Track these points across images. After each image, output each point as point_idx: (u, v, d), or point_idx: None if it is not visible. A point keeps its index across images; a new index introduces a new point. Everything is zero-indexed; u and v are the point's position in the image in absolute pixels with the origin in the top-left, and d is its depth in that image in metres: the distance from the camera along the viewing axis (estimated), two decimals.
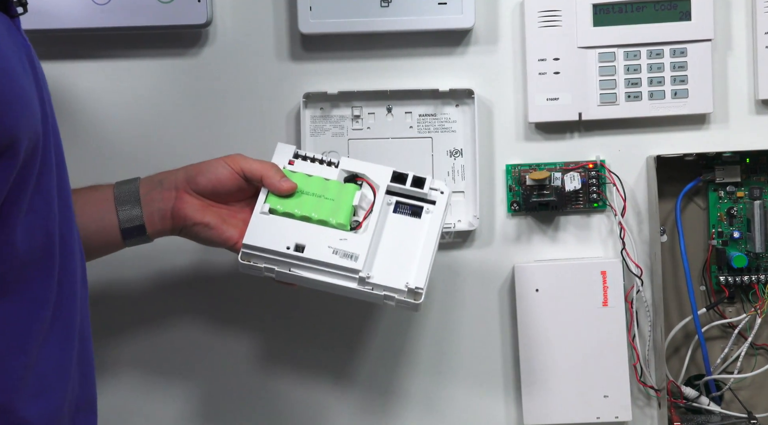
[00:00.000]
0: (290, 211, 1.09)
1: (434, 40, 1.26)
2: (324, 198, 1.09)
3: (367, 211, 1.10)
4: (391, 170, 1.12)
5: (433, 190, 1.11)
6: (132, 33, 1.24)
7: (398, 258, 1.09)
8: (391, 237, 1.10)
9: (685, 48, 1.23)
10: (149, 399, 1.29)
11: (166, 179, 1.11)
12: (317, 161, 1.12)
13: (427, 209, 1.11)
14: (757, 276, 1.26)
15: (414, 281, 1.07)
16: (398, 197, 1.11)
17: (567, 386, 1.24)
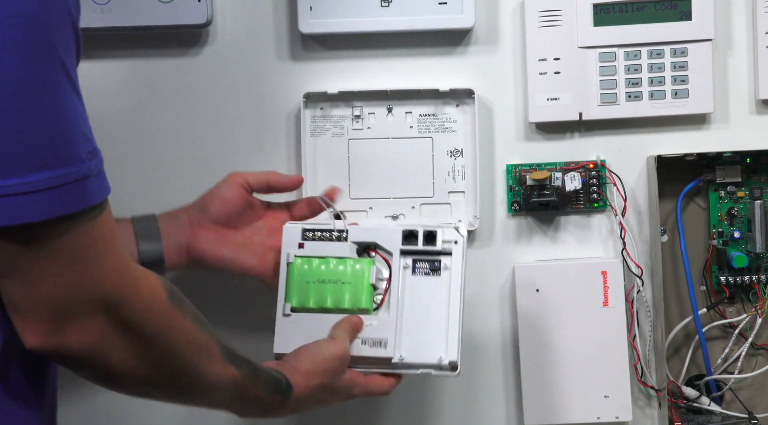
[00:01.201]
0: (311, 305, 1.10)
1: (434, 40, 1.26)
2: (341, 283, 1.10)
3: (386, 285, 1.11)
4: (401, 231, 1.11)
5: (446, 243, 1.10)
6: (132, 33, 1.24)
7: (427, 329, 1.09)
8: (415, 304, 1.10)
9: (685, 48, 1.23)
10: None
11: (181, 215, 1.12)
12: (326, 237, 1.12)
13: (444, 264, 1.10)
14: (758, 277, 1.26)
15: (447, 355, 1.08)
16: (414, 255, 1.11)
17: (567, 386, 1.24)
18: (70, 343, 0.76)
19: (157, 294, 0.81)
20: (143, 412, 1.30)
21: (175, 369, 0.84)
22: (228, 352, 0.90)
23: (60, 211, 0.71)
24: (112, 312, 0.77)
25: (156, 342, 0.81)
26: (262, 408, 0.98)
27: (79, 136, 0.72)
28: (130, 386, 0.84)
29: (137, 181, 1.26)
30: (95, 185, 0.73)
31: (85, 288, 0.75)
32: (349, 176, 1.26)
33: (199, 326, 0.86)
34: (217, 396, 0.91)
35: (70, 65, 0.72)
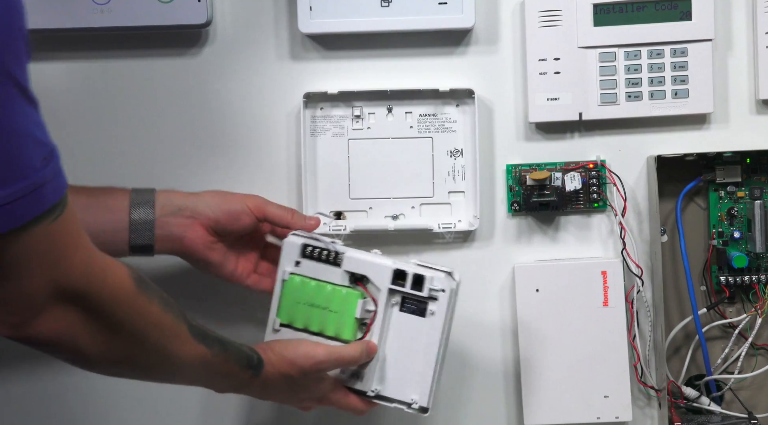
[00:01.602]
0: (298, 326, 1.13)
1: (434, 40, 1.26)
2: (328, 310, 1.12)
3: (371, 320, 1.12)
4: (392, 270, 1.11)
5: (434, 291, 1.11)
6: (132, 33, 1.24)
7: (406, 367, 1.12)
8: (398, 340, 1.12)
9: (685, 48, 1.23)
10: (152, 398, 1.30)
11: (185, 207, 1.13)
12: (323, 258, 1.13)
13: (431, 310, 1.11)
14: (758, 277, 1.26)
15: (419, 399, 1.12)
16: (403, 294, 1.12)
17: (567, 386, 1.24)
18: (40, 332, 0.80)
19: (123, 282, 0.84)
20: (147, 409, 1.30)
21: (144, 352, 0.89)
22: (197, 332, 0.94)
23: (14, 223, 0.74)
24: (80, 303, 0.81)
25: (124, 328, 0.85)
26: (234, 383, 1.02)
27: (30, 147, 0.74)
28: (102, 368, 0.88)
29: (137, 181, 1.25)
30: (49, 189, 0.76)
31: (52, 283, 0.78)
32: (349, 176, 1.26)
33: (167, 309, 0.90)
34: (188, 373, 0.96)
35: (19, 71, 0.74)
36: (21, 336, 0.80)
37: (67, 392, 1.29)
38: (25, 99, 0.74)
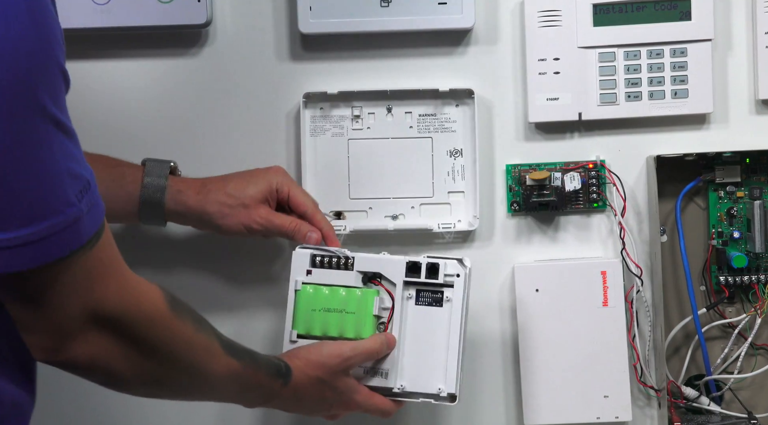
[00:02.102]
0: (316, 333, 1.13)
1: (434, 40, 1.26)
2: (345, 312, 1.13)
3: (389, 314, 1.14)
4: (405, 262, 1.13)
5: (449, 276, 1.13)
6: (132, 33, 1.24)
7: (428, 359, 1.13)
8: (417, 334, 1.14)
9: (685, 48, 1.23)
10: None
11: (193, 211, 1.16)
12: (333, 265, 1.15)
13: (447, 296, 1.13)
14: (757, 277, 1.26)
15: (446, 387, 1.12)
16: (417, 286, 1.14)
17: (567, 386, 1.24)
18: (76, 357, 0.81)
19: (158, 305, 0.85)
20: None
21: (179, 372, 0.89)
22: (228, 346, 0.94)
23: (51, 257, 0.75)
24: (115, 327, 0.81)
25: (159, 351, 0.86)
26: (265, 394, 1.02)
27: (66, 182, 0.75)
28: (137, 390, 0.89)
29: None
30: (86, 223, 0.77)
31: (87, 309, 0.79)
32: (349, 176, 1.26)
33: (199, 327, 0.90)
34: (221, 389, 0.96)
35: (56, 108, 0.74)
36: (57, 361, 0.81)
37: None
38: (61, 132, 0.75)
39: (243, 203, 1.15)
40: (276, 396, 1.03)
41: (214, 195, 1.16)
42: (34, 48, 0.72)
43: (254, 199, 1.16)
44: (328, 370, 1.07)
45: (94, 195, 0.78)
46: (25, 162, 0.72)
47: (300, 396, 1.06)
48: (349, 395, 1.11)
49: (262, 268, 1.28)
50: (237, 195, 1.16)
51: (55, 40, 0.75)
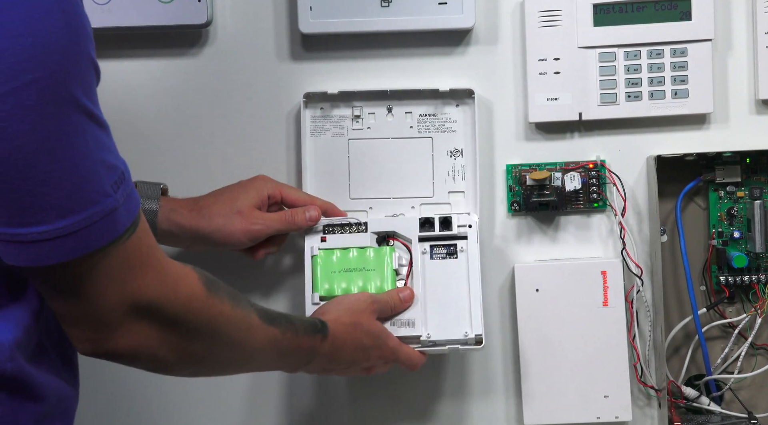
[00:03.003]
0: (338, 293, 1.17)
1: (434, 40, 1.26)
2: (365, 270, 1.18)
3: (408, 268, 1.18)
4: (417, 219, 1.19)
5: (461, 227, 1.18)
6: (132, 33, 1.24)
7: (449, 308, 1.17)
8: (437, 285, 1.18)
9: (685, 48, 1.23)
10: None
11: (187, 232, 1.17)
12: (346, 230, 1.19)
13: (461, 247, 1.19)
14: (758, 276, 1.26)
15: (473, 329, 1.16)
16: (431, 242, 1.19)
17: (567, 386, 1.24)
18: (119, 347, 0.82)
19: (195, 288, 0.86)
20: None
21: (221, 350, 0.90)
22: (265, 315, 0.96)
23: (89, 248, 0.76)
24: (155, 316, 0.82)
25: (200, 333, 0.87)
26: (306, 355, 1.03)
27: (102, 173, 0.76)
28: (181, 371, 0.90)
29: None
30: (122, 213, 0.78)
31: (126, 299, 0.80)
32: (349, 176, 1.26)
33: (236, 303, 0.91)
34: (264, 358, 0.98)
35: (89, 100, 0.76)
36: (100, 352, 0.82)
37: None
38: (94, 123, 0.76)
39: (238, 210, 1.16)
40: (317, 353, 1.04)
41: (208, 210, 1.16)
42: (66, 41, 0.73)
43: (248, 205, 1.17)
44: (360, 313, 1.10)
45: (128, 185, 0.79)
46: (60, 154, 0.73)
47: (339, 348, 1.07)
48: (384, 339, 1.13)
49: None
50: (230, 205, 1.16)
51: (86, 33, 0.76)
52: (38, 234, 0.74)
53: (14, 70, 0.71)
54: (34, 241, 0.74)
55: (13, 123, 0.71)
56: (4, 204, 0.73)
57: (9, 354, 0.80)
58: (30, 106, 0.72)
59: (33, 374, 0.82)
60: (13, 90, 0.71)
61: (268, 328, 0.95)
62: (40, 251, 0.75)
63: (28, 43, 0.71)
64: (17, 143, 0.72)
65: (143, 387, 1.29)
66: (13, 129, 0.72)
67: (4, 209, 0.73)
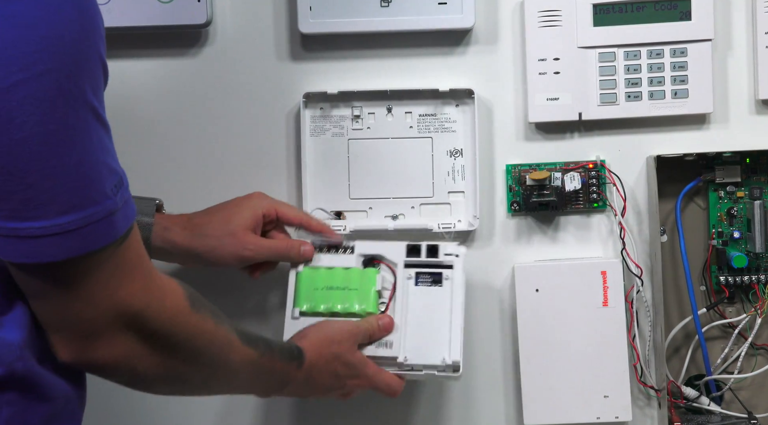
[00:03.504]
0: (319, 310, 1.16)
1: (434, 40, 1.26)
2: (348, 289, 1.16)
3: (391, 292, 1.17)
4: (405, 245, 1.18)
5: (448, 256, 1.17)
6: (132, 33, 1.24)
7: (430, 333, 1.15)
8: (419, 311, 1.16)
9: (685, 48, 1.23)
10: None
11: (182, 250, 1.15)
12: (334, 250, 1.19)
13: (446, 275, 1.17)
14: (757, 276, 1.26)
15: (450, 356, 1.14)
16: (417, 268, 1.17)
17: (567, 386, 1.24)
18: (99, 358, 0.82)
19: (179, 303, 0.86)
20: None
21: (200, 368, 0.90)
22: (244, 336, 0.95)
23: (84, 249, 0.76)
24: (138, 327, 0.82)
25: (181, 348, 0.86)
26: (281, 380, 1.03)
27: (104, 173, 0.76)
28: (158, 388, 0.90)
29: (136, 181, 1.25)
30: (120, 218, 0.78)
31: (112, 309, 0.80)
32: (349, 176, 1.26)
33: (218, 322, 0.91)
34: (240, 379, 0.97)
35: (96, 100, 0.76)
36: (81, 361, 0.82)
37: None
38: (100, 124, 0.76)
39: (231, 232, 1.15)
40: (291, 380, 1.04)
41: (201, 229, 1.15)
42: (78, 36, 0.73)
43: (242, 227, 1.16)
44: (339, 344, 1.09)
45: (126, 192, 0.79)
46: (66, 149, 0.73)
47: (314, 375, 1.07)
48: (361, 368, 1.12)
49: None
50: (224, 226, 1.15)
51: (98, 32, 0.76)
52: (36, 230, 0.73)
53: (27, 60, 0.71)
54: (32, 236, 0.74)
55: (22, 113, 0.71)
56: (4, 196, 0.73)
57: (18, 353, 0.79)
58: (41, 97, 0.72)
59: (42, 374, 0.81)
60: (24, 79, 0.71)
61: (246, 349, 0.95)
62: (36, 247, 0.74)
63: (41, 33, 0.71)
64: (24, 134, 0.72)
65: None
66: (21, 119, 0.71)
67: (4, 202, 0.73)
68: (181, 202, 1.20)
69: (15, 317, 0.80)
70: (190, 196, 1.21)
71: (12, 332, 0.80)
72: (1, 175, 0.72)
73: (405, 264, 1.17)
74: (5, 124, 0.71)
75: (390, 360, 1.14)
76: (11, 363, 0.79)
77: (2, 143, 0.72)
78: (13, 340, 0.79)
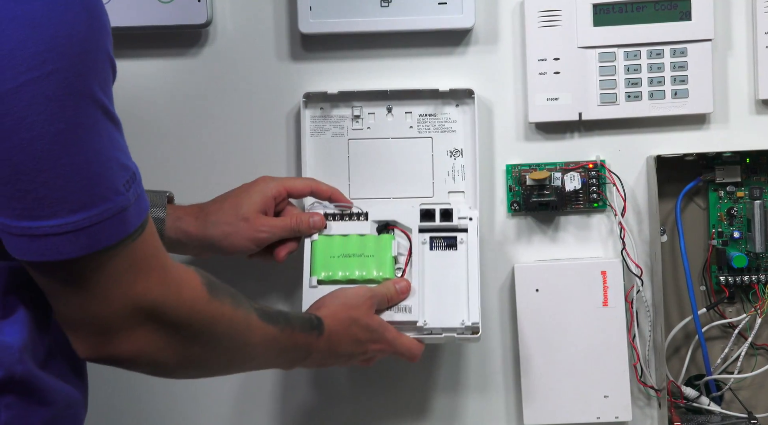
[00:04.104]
0: (337, 277, 1.17)
1: (434, 40, 1.26)
2: (364, 256, 1.17)
3: (407, 257, 1.18)
4: (419, 209, 1.19)
5: (462, 219, 1.19)
6: (132, 33, 1.24)
7: (447, 297, 1.16)
8: (435, 275, 1.17)
9: (685, 48, 1.23)
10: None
11: (194, 239, 1.16)
12: (347, 218, 1.20)
13: (460, 239, 1.19)
14: (757, 276, 1.26)
15: (469, 318, 1.15)
16: (431, 233, 1.19)
17: (567, 386, 1.24)
18: (120, 352, 0.81)
19: (197, 292, 0.85)
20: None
21: (222, 352, 0.90)
22: (263, 313, 0.95)
23: (98, 246, 0.76)
24: (157, 320, 0.82)
25: (202, 336, 0.86)
26: (303, 351, 1.03)
27: (115, 170, 0.76)
28: (181, 374, 0.90)
29: None
30: (133, 213, 0.78)
31: (129, 304, 0.79)
32: (349, 176, 1.26)
33: (237, 305, 0.91)
34: (262, 357, 0.97)
35: (105, 97, 0.76)
36: (102, 356, 0.82)
37: None
38: (109, 120, 0.77)
39: (243, 217, 1.15)
40: (313, 349, 1.04)
41: (214, 217, 1.16)
42: (86, 34, 0.73)
43: (253, 210, 1.16)
44: (357, 308, 1.09)
45: (139, 186, 0.79)
46: (76, 147, 0.73)
47: (335, 342, 1.07)
48: (381, 332, 1.12)
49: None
50: (236, 211, 1.16)
51: (105, 29, 0.76)
52: (49, 228, 0.74)
53: (35, 60, 0.71)
54: (46, 235, 0.74)
55: (32, 113, 0.71)
56: (17, 196, 0.73)
57: (18, 357, 0.79)
58: (49, 96, 0.72)
59: (42, 378, 0.81)
60: (33, 79, 0.71)
61: (266, 327, 0.95)
62: (49, 245, 0.74)
63: (49, 33, 0.72)
64: (34, 133, 0.72)
65: (152, 394, 1.29)
66: (31, 119, 0.72)
67: (17, 201, 0.73)
68: (181, 202, 1.20)
69: (15, 321, 0.81)
70: (190, 195, 1.21)
71: (11, 335, 0.80)
72: (14, 175, 0.72)
73: (419, 229, 1.19)
74: (16, 123, 0.71)
75: (409, 325, 1.15)
76: (11, 367, 0.79)
77: (13, 143, 0.72)
78: (13, 344, 0.79)
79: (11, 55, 0.71)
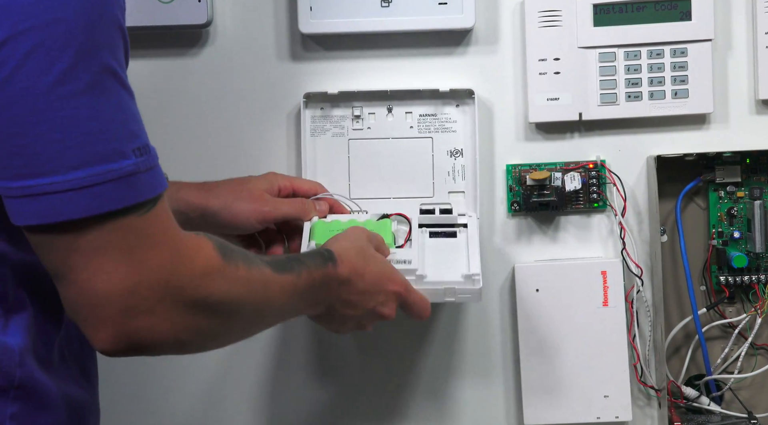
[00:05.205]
0: None
1: (434, 40, 1.26)
2: None
3: (407, 235, 1.16)
4: (419, 206, 1.21)
5: (461, 215, 1.19)
6: (132, 33, 1.23)
7: (447, 262, 1.14)
8: (435, 251, 1.16)
9: (685, 48, 1.23)
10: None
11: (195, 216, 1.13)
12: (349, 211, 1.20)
13: (461, 230, 1.19)
14: (758, 276, 1.26)
15: (470, 269, 1.11)
16: (431, 228, 1.19)
17: (567, 386, 1.24)
18: (142, 340, 0.77)
19: (211, 259, 0.81)
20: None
21: (243, 317, 0.85)
22: (277, 265, 0.90)
23: (102, 208, 0.73)
24: (175, 295, 0.77)
25: (221, 306, 0.81)
26: (325, 287, 0.97)
27: (123, 133, 0.74)
28: (209, 347, 0.85)
29: None
30: (144, 182, 0.75)
31: (143, 281, 0.75)
32: (349, 176, 1.26)
33: (251, 265, 0.86)
34: (286, 308, 0.92)
35: (117, 65, 0.75)
36: (123, 348, 0.77)
37: None
38: (120, 85, 0.75)
39: (248, 190, 1.14)
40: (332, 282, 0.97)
41: (217, 189, 1.14)
42: (95, 2, 0.73)
43: (259, 188, 1.15)
44: (361, 240, 1.04)
45: (153, 160, 0.77)
46: (77, 101, 0.72)
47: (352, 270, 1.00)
48: (391, 268, 1.06)
49: None
50: (241, 185, 1.15)
51: (116, 0, 0.76)
52: (48, 186, 0.71)
53: (36, 8, 0.70)
54: (44, 193, 0.71)
55: (31, 61, 0.70)
56: (15, 152, 0.71)
57: (19, 360, 0.78)
58: (50, 45, 0.71)
59: (44, 382, 0.80)
60: (33, 27, 0.70)
61: (283, 277, 0.90)
62: (50, 205, 0.72)
63: None
64: (32, 82, 0.70)
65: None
66: (30, 66, 0.70)
67: (16, 158, 0.71)
68: None
69: (19, 323, 0.79)
70: None
71: (12, 337, 0.78)
72: (12, 127, 0.71)
73: (419, 224, 1.18)
74: (14, 71, 0.70)
75: (409, 273, 1.08)
76: (11, 369, 0.78)
77: (13, 92, 0.70)
78: (14, 346, 0.78)
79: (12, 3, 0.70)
